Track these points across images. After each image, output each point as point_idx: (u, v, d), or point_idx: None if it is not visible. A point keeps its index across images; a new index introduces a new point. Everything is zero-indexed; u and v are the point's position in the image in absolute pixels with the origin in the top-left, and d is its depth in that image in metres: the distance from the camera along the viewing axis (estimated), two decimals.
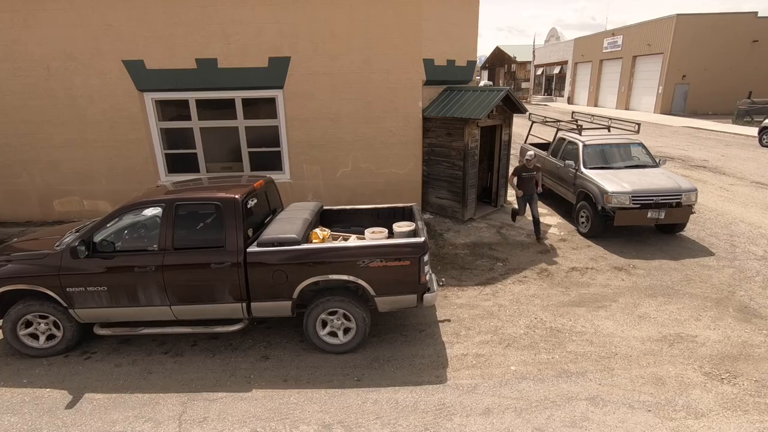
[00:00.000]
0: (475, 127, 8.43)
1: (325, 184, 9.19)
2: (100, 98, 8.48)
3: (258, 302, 4.72)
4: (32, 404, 4.17)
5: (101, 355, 4.96)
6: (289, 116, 8.72)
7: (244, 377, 4.53)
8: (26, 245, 5.06)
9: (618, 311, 5.73)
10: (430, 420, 3.91)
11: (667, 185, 7.65)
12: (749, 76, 28.81)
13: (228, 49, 8.20)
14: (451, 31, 9.15)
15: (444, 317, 5.64)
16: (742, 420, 3.88)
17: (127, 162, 8.89)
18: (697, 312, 5.68)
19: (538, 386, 4.34)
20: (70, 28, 8.01)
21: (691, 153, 16.20)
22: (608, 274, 6.80)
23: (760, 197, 10.52)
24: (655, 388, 4.29)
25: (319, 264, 4.60)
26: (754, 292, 6.18)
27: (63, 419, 3.98)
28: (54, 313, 4.77)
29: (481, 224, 8.98)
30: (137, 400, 4.21)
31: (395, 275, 4.68)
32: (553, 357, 4.80)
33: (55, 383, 4.48)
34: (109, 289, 4.66)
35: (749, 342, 5.03)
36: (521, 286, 6.46)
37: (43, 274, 4.62)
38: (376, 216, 6.23)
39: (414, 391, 4.29)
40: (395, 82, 8.59)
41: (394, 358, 4.80)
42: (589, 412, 3.97)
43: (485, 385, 4.36)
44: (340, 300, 4.75)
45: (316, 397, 4.21)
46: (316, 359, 4.81)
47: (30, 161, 8.84)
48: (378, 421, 3.90)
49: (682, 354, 4.82)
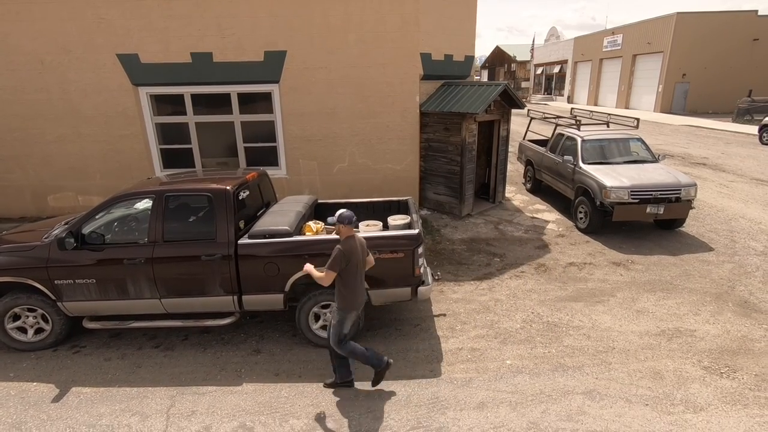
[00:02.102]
0: (472, 122, 8.35)
1: (321, 180, 9.11)
2: (94, 92, 8.40)
3: (249, 295, 4.65)
4: (18, 398, 4.09)
5: (90, 349, 4.88)
6: (285, 111, 8.64)
7: (235, 371, 4.46)
8: (15, 237, 4.98)
9: (616, 306, 5.65)
10: (423, 414, 3.83)
11: (666, 180, 7.57)
12: (749, 75, 28.72)
13: (223, 42, 8.12)
14: (449, 25, 9.07)
15: (439, 312, 5.56)
16: (741, 414, 3.79)
17: (122, 157, 8.81)
18: (696, 307, 5.60)
19: (534, 380, 4.25)
20: (63, 22, 7.94)
21: (691, 151, 16.11)
22: (606, 269, 6.72)
23: (760, 194, 10.44)
24: (653, 382, 4.21)
25: (311, 256, 4.52)
26: (753, 287, 6.09)
27: (48, 413, 3.90)
28: (42, 306, 4.69)
29: (478, 220, 8.90)
30: (125, 394, 4.13)
31: (389, 268, 4.61)
32: (550, 351, 4.72)
33: (42, 377, 4.40)
34: (98, 281, 4.58)
35: (749, 336, 4.95)
36: (518, 281, 6.38)
37: (30, 266, 4.54)
38: (371, 210, 6.16)
39: (407, 385, 4.21)
40: (392, 77, 8.51)
41: (387, 353, 4.72)
42: (586, 406, 3.89)
43: (480, 379, 4.27)
44: (333, 293, 4.65)
45: (307, 391, 4.13)
46: (309, 353, 4.73)
47: (23, 156, 8.77)
48: (370, 415, 3.82)
49: (680, 348, 4.74)
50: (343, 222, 3.82)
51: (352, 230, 3.89)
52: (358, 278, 3.91)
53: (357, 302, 3.96)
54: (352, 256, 3.79)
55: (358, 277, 3.90)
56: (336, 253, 3.74)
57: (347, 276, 3.83)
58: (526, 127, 12.17)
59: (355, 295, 3.92)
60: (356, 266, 3.85)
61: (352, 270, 3.83)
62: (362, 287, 4.01)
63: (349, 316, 3.95)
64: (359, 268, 3.90)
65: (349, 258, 3.77)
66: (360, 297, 3.98)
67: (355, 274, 3.87)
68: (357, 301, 3.95)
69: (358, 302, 3.97)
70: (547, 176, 10.10)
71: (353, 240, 3.86)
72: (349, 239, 3.84)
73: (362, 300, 4.04)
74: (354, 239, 3.87)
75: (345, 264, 3.77)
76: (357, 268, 3.86)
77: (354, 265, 3.82)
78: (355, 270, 3.85)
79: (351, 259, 3.78)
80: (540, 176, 10.61)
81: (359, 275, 3.93)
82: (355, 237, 3.92)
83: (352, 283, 3.87)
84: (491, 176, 9.91)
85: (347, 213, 3.84)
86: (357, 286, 3.92)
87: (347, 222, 3.82)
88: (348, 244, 3.80)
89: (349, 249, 3.78)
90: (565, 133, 9.56)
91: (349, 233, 3.87)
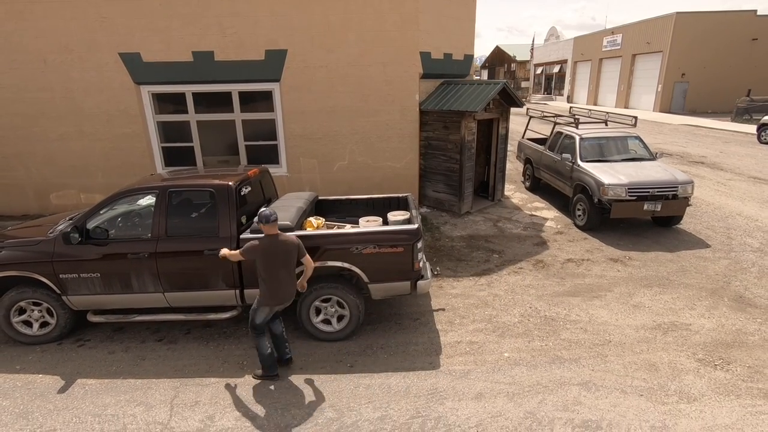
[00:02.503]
0: (471, 120, 8.43)
1: (321, 178, 9.19)
2: (97, 91, 8.48)
3: (251, 289, 4.71)
4: (24, 389, 4.17)
5: (95, 343, 4.95)
6: (285, 109, 8.71)
7: (237, 363, 4.53)
8: (19, 233, 5.06)
9: (613, 301, 5.73)
10: (422, 404, 3.90)
11: (663, 177, 7.65)
12: (748, 75, 28.80)
13: (224, 41, 8.20)
14: (448, 24, 9.14)
15: (438, 306, 5.63)
16: (734, 404, 3.87)
17: (124, 155, 8.89)
18: (691, 301, 5.68)
19: (531, 372, 4.33)
20: (66, 21, 8.01)
21: (690, 149, 16.19)
22: (604, 265, 6.79)
23: (757, 192, 10.52)
24: (648, 373, 4.29)
25: (312, 251, 4.60)
26: (749, 282, 6.17)
27: (55, 403, 3.97)
28: (47, 299, 4.76)
29: (477, 218, 8.97)
30: (129, 385, 4.21)
31: (389, 262, 4.68)
32: (547, 344, 4.80)
33: (48, 369, 4.47)
34: (102, 275, 4.66)
35: (743, 330, 5.02)
36: (516, 276, 6.45)
37: (36, 261, 4.62)
38: (371, 206, 6.23)
39: (407, 376, 4.28)
40: (392, 75, 8.58)
41: (387, 346, 4.80)
42: (582, 397, 3.97)
43: (478, 371, 4.35)
44: (333, 287, 4.74)
45: (308, 383, 4.21)
46: (310, 346, 4.80)
47: (26, 154, 8.84)
48: (370, 405, 3.89)
49: (675, 341, 4.82)
50: (262, 221, 3.88)
51: (274, 229, 3.92)
52: (279, 276, 3.92)
53: (274, 299, 3.99)
54: (266, 253, 3.83)
55: (279, 275, 3.91)
56: (248, 245, 3.86)
57: (264, 272, 3.90)
58: (525, 126, 12.24)
59: (272, 292, 3.96)
60: (274, 265, 3.88)
61: (269, 267, 3.87)
62: (285, 286, 4.00)
63: (263, 308, 4.02)
64: (280, 268, 3.91)
65: (262, 254, 3.82)
66: (279, 295, 3.99)
67: (274, 272, 3.89)
68: (274, 298, 3.99)
69: (275, 299, 3.99)
70: (546, 174, 10.17)
71: (274, 239, 3.90)
72: (269, 237, 3.89)
73: (282, 298, 4.03)
74: (274, 238, 3.90)
75: (256, 258, 3.84)
76: (275, 267, 3.89)
77: (271, 263, 3.86)
78: (273, 268, 3.89)
79: (265, 257, 3.83)
80: (539, 174, 10.69)
81: (281, 274, 3.93)
82: (280, 237, 3.94)
83: (269, 280, 3.92)
84: (490, 174, 9.98)
85: (266, 212, 3.90)
86: (275, 284, 3.94)
87: (265, 221, 3.87)
88: (265, 242, 3.86)
89: (263, 246, 3.84)
90: (563, 132, 9.63)
91: (270, 232, 3.91)
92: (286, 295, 4.07)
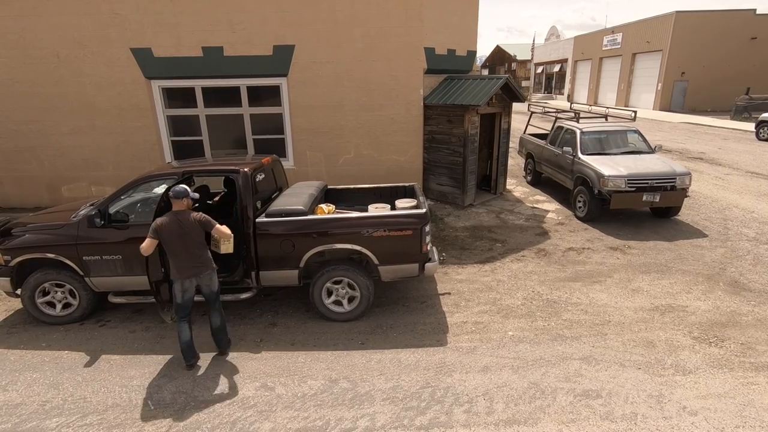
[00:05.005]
0: (474, 114, 8.63)
1: (327, 171, 9.39)
2: (108, 86, 8.68)
3: (266, 271, 4.93)
4: (52, 363, 4.38)
5: (115, 323, 5.16)
6: (292, 104, 8.92)
7: (254, 341, 4.74)
8: (40, 219, 5.27)
9: (612, 285, 5.94)
10: (431, 376, 4.12)
11: (661, 169, 7.85)
12: (748, 73, 28.98)
13: (233, 37, 8.41)
14: (452, 20, 9.35)
15: (444, 291, 5.84)
16: (727, 376, 4.08)
17: (134, 149, 9.09)
18: (688, 286, 5.89)
19: (534, 348, 4.54)
20: (78, 17, 8.22)
21: (689, 146, 16.40)
22: (604, 253, 7.00)
23: (754, 185, 10.73)
24: (645, 350, 4.50)
25: (324, 234, 4.81)
26: (744, 268, 6.38)
27: (83, 375, 4.19)
28: (70, 281, 4.97)
29: (480, 210, 9.18)
30: (152, 360, 4.42)
31: (398, 245, 4.89)
32: (549, 324, 5.01)
33: (73, 346, 4.69)
34: (123, 257, 4.87)
35: (737, 311, 5.23)
36: (519, 264, 6.66)
37: (61, 244, 4.83)
38: (378, 195, 6.44)
39: (416, 352, 4.49)
40: (397, 71, 8.79)
41: (396, 325, 5.01)
42: (583, 369, 4.18)
43: (484, 347, 4.56)
44: (345, 269, 4.95)
45: (322, 357, 4.42)
46: (322, 326, 5.02)
47: (39, 148, 9.05)
48: (382, 377, 4.10)
49: (672, 321, 5.03)
50: (172, 195, 4.05)
51: (181, 205, 4.05)
52: (177, 251, 4.02)
53: (179, 272, 4.08)
54: (167, 229, 3.95)
55: (176, 250, 4.02)
56: (152, 226, 3.98)
57: (166, 247, 4.03)
58: (526, 122, 12.45)
59: (177, 266, 4.07)
60: (172, 239, 3.98)
61: (168, 242, 3.99)
62: (186, 260, 4.07)
63: (176, 284, 4.13)
64: (178, 242, 3.99)
65: (164, 231, 3.95)
66: (183, 268, 4.07)
67: (172, 247, 4.01)
68: (179, 271, 4.07)
69: (180, 273, 4.07)
70: (547, 168, 10.38)
71: (179, 215, 4.00)
72: (174, 213, 4.02)
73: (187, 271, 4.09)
74: (177, 214, 4.00)
75: (156, 235, 3.96)
76: (173, 242, 3.99)
77: (171, 238, 3.98)
78: (172, 243, 3.99)
79: (166, 232, 3.95)
80: (540, 168, 10.90)
81: (177, 249, 4.02)
82: (182, 213, 4.03)
83: (171, 254, 4.05)
84: (493, 168, 10.19)
85: (179, 188, 4.04)
86: (177, 258, 4.04)
87: (175, 196, 4.03)
88: (170, 217, 3.99)
89: (162, 222, 3.96)
90: (564, 126, 9.84)
91: (178, 207, 4.05)
92: (187, 270, 4.11)
